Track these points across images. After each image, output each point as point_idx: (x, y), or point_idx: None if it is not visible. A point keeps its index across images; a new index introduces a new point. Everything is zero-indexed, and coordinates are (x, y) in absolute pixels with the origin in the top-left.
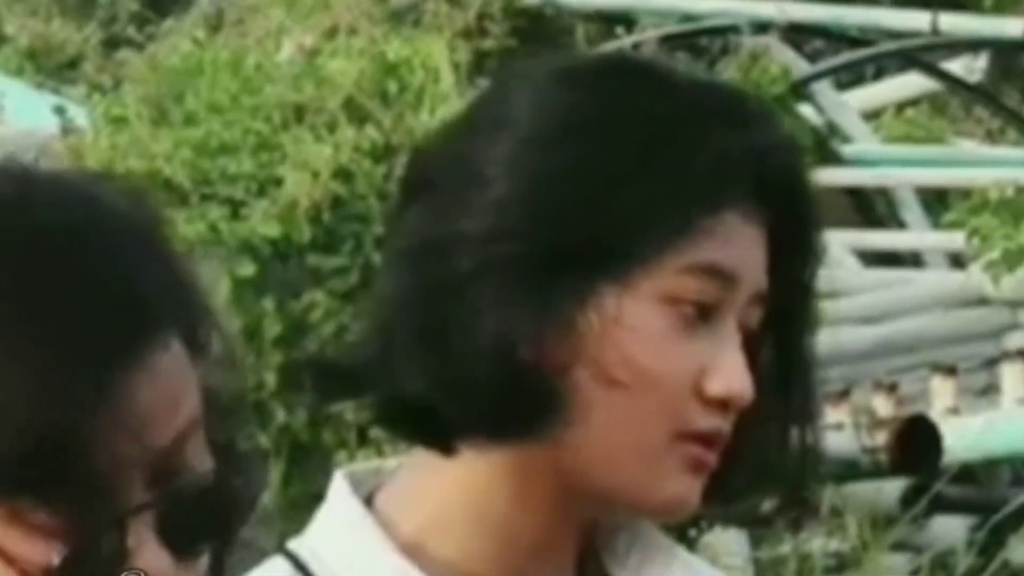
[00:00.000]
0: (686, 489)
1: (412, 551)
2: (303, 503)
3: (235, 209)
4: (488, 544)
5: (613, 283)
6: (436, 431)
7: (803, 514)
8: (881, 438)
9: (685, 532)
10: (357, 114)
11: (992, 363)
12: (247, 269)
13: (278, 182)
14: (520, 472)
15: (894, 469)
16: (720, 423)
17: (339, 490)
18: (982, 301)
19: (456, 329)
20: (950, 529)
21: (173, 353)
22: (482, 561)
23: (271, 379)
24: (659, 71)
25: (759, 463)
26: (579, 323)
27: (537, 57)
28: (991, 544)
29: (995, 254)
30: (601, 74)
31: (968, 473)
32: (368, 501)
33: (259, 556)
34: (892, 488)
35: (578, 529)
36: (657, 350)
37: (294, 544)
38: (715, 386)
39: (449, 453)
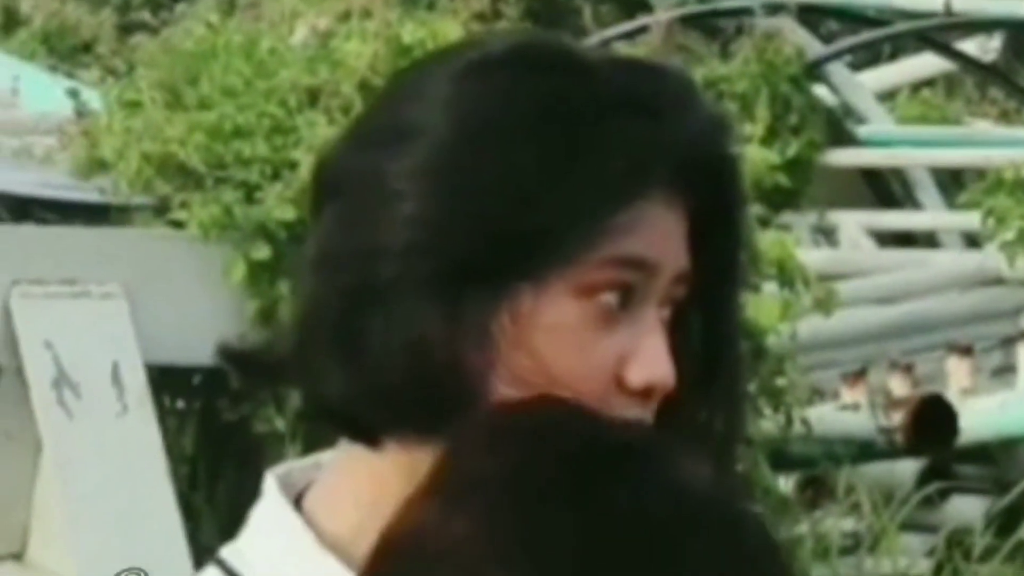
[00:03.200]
0: None
1: (340, 549)
2: None
3: (250, 192)
4: None
5: (529, 284)
6: (359, 429)
7: (819, 494)
8: (897, 418)
9: None
10: (372, 97)
11: (1008, 343)
12: (262, 252)
13: (293, 165)
14: None
15: (910, 449)
16: (642, 411)
17: (268, 491)
18: (998, 281)
19: (372, 336)
20: (966, 509)
21: None
22: None
23: None
24: (573, 59)
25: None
26: (496, 326)
27: (446, 50)
28: (1007, 524)
29: (1011, 234)
30: (510, 69)
31: (984, 453)
32: (299, 499)
33: None
34: (908, 468)
35: None
36: (577, 345)
37: (226, 551)
38: (636, 375)
39: (376, 447)
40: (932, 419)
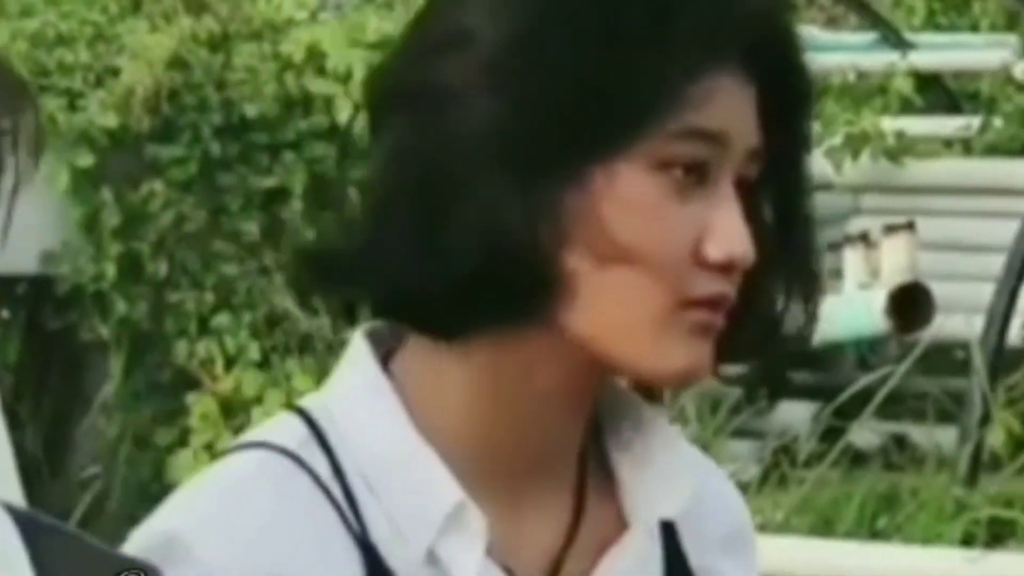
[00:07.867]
0: (696, 355)
1: (423, 425)
2: (144, 394)
3: (72, 100)
4: (496, 424)
5: (602, 159)
6: (435, 320)
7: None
8: None
9: None
10: (194, 4)
11: (835, 248)
12: (85, 160)
13: (115, 73)
14: (527, 356)
15: None
16: (724, 287)
17: (358, 350)
18: (825, 186)
19: (448, 222)
20: (793, 415)
21: None
22: (490, 441)
23: (111, 270)
24: None
25: (765, 323)
26: (570, 203)
27: None
28: (833, 429)
29: (837, 139)
30: None
31: (811, 358)
32: (384, 362)
33: (103, 444)
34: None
35: (586, 411)
36: (652, 220)
37: (307, 402)
38: (715, 250)
39: (451, 343)
40: None
